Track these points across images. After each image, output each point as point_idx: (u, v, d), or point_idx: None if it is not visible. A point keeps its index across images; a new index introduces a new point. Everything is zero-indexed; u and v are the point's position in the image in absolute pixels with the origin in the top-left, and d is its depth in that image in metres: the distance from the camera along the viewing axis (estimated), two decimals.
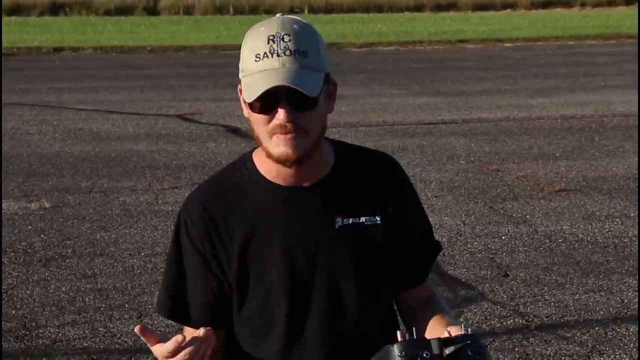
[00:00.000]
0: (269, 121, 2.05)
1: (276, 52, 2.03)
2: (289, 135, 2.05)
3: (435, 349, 1.85)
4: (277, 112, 2.04)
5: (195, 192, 2.23)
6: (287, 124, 2.04)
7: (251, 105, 2.06)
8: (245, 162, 2.21)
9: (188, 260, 2.19)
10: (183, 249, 2.19)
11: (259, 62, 2.03)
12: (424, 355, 1.84)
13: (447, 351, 1.85)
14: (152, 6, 33.47)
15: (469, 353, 1.85)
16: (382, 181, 2.22)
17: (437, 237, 2.36)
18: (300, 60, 2.03)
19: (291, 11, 31.48)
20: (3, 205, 7.30)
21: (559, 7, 34.82)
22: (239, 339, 2.22)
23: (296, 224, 2.15)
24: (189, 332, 2.22)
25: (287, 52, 2.03)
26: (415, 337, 1.90)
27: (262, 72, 2.02)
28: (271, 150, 2.08)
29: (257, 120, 2.07)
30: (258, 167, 2.18)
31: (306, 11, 32.36)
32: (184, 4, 33.40)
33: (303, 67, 2.02)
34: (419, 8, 34.11)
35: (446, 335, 1.92)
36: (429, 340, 1.87)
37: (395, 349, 1.86)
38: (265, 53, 2.03)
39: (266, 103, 2.04)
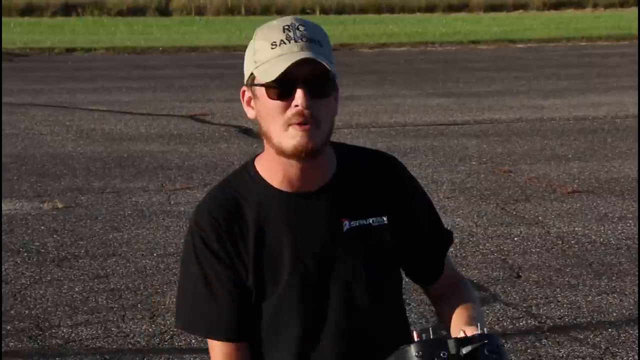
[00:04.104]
0: (285, 110, 2.04)
1: (293, 38, 2.03)
2: (305, 127, 2.03)
3: (452, 349, 1.86)
4: (293, 99, 2.03)
5: (202, 206, 2.18)
6: (305, 111, 2.02)
7: (268, 91, 2.04)
8: (248, 171, 2.18)
9: (216, 274, 2.13)
10: (204, 264, 2.13)
11: (276, 49, 2.03)
12: (441, 355, 1.85)
13: (464, 351, 1.86)
14: (163, 7, 33.53)
15: (486, 352, 1.86)
16: (385, 180, 2.21)
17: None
18: (317, 48, 2.04)
19: (302, 12, 31.49)
20: (16, 205, 7.33)
21: (571, 8, 34.74)
22: (253, 347, 2.20)
23: (304, 230, 2.14)
24: (222, 347, 2.17)
25: (304, 39, 2.03)
26: (432, 337, 1.90)
27: (283, 55, 2.02)
28: (284, 144, 2.05)
29: (271, 110, 2.05)
30: (262, 174, 2.15)
31: (318, 12, 32.36)
32: (195, 4, 33.44)
33: (319, 54, 2.03)
34: (430, 9, 34.07)
35: (462, 335, 1.93)
36: (446, 340, 1.88)
37: (412, 349, 1.87)
38: (282, 40, 2.03)
39: (284, 87, 2.02)
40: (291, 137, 2.04)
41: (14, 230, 6.62)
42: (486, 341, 1.87)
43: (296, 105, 2.02)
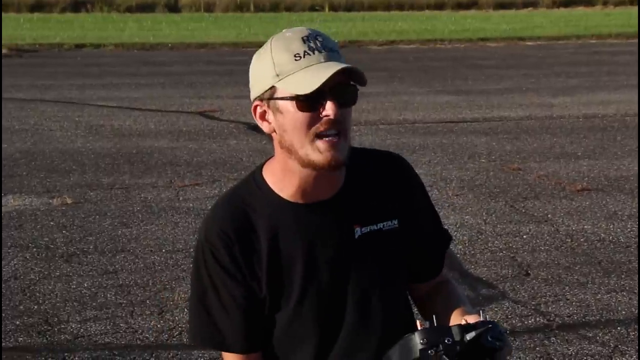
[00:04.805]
0: (313, 121, 2.01)
1: (317, 49, 2.01)
2: (334, 140, 2.02)
3: (456, 335, 1.88)
4: (321, 111, 2.01)
5: (210, 219, 2.15)
6: (337, 121, 2.00)
7: (298, 103, 2.01)
8: (256, 181, 2.15)
9: (227, 288, 2.12)
10: (215, 279, 2.13)
11: (300, 61, 2.00)
12: (446, 341, 1.87)
13: (468, 337, 1.88)
14: (173, 3, 33.54)
15: (489, 338, 1.89)
16: (394, 183, 2.20)
17: (458, 235, 2.36)
18: (339, 58, 2.03)
19: (311, 9, 31.46)
20: (26, 201, 7.35)
21: (581, 5, 34.65)
22: (269, 355, 2.21)
23: (316, 240, 2.13)
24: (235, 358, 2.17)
25: (326, 49, 2.02)
26: (435, 324, 1.92)
27: (311, 66, 2.00)
28: (313, 156, 2.02)
29: (299, 123, 2.02)
30: (271, 185, 2.13)
31: (327, 9, 32.32)
32: (204, 1, 33.45)
33: (345, 64, 2.02)
34: (439, 6, 34.02)
35: (464, 322, 1.94)
36: (450, 327, 1.91)
37: (417, 337, 1.88)
38: (305, 52, 2.01)
39: (314, 99, 2.00)
40: (320, 151, 2.02)
41: (23, 226, 6.63)
42: (490, 326, 1.90)
43: (326, 116, 2.00)
